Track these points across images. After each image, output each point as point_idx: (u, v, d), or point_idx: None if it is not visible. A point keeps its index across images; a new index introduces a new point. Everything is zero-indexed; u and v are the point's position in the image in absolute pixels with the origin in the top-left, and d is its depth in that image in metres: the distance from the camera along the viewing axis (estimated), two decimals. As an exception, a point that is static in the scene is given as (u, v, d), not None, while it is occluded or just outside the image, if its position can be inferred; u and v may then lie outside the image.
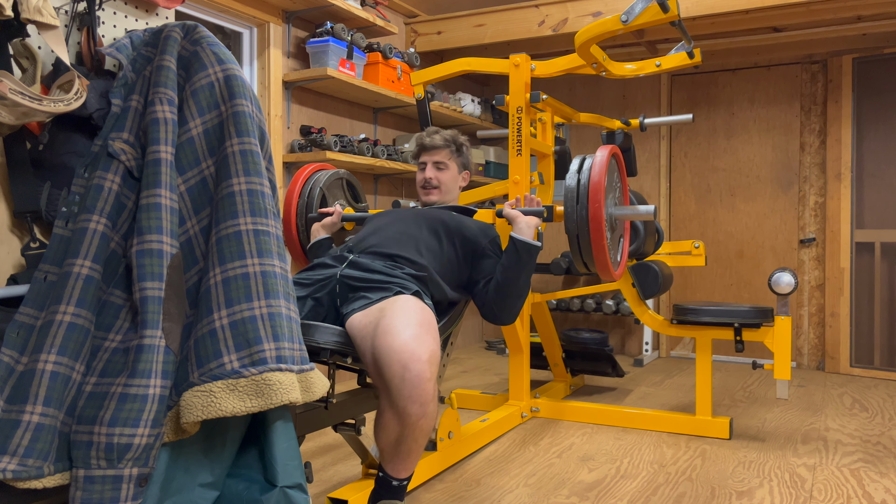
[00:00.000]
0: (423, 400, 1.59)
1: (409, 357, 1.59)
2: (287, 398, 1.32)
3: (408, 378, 1.58)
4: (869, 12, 3.77)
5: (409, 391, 1.58)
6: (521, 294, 2.12)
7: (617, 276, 2.42)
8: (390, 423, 1.65)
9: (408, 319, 1.69)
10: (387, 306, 1.76)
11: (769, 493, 2.21)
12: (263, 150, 1.54)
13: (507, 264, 2.12)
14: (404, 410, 1.60)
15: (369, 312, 1.77)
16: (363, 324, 1.75)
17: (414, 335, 1.64)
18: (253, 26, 3.43)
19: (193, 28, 1.57)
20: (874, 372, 4.18)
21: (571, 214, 2.28)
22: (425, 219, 2.18)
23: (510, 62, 2.96)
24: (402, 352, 1.60)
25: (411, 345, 1.61)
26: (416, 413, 1.60)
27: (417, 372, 1.58)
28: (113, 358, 1.34)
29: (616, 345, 4.98)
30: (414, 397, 1.58)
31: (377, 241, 2.07)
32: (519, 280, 2.11)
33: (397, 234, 2.10)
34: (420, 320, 1.71)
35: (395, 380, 1.59)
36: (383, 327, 1.67)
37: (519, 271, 2.11)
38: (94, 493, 1.23)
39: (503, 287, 2.10)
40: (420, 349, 1.61)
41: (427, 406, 1.60)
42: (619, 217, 2.45)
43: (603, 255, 2.26)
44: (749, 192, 4.67)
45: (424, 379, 1.59)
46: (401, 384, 1.58)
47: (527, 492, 2.21)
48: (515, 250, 2.12)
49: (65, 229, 1.44)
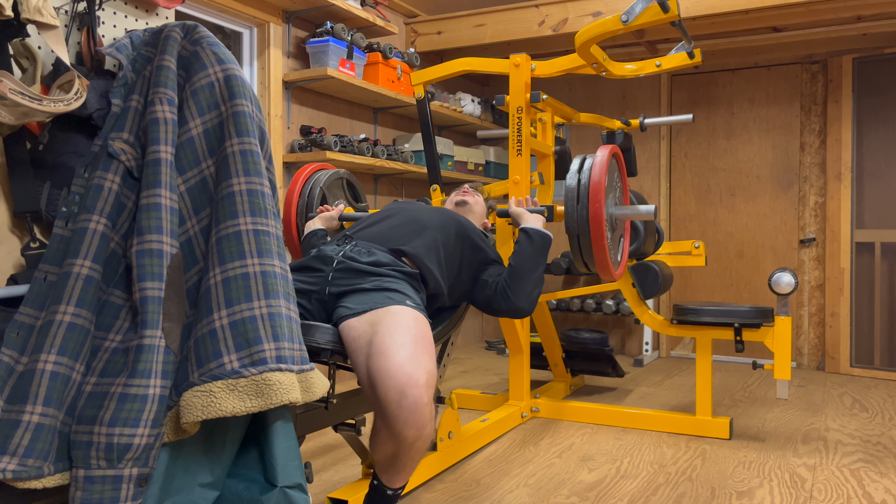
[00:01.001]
0: (419, 424, 1.54)
1: (405, 382, 1.53)
2: (287, 398, 1.32)
3: (405, 405, 1.52)
4: (869, 12, 3.77)
5: (405, 417, 1.52)
6: (538, 281, 2.08)
7: (617, 276, 2.42)
8: (385, 443, 1.60)
9: (402, 337, 1.62)
10: (379, 319, 1.69)
11: (769, 493, 2.21)
12: (263, 150, 1.54)
13: (523, 252, 2.10)
14: (401, 434, 1.54)
15: (361, 323, 1.70)
16: (355, 335, 1.69)
17: (410, 356, 1.57)
18: (253, 26, 3.43)
19: (193, 28, 1.57)
20: (874, 372, 4.18)
21: (572, 214, 2.28)
22: (443, 215, 2.13)
23: (510, 62, 2.96)
24: (398, 377, 1.53)
25: (407, 368, 1.54)
26: (412, 436, 1.55)
27: (414, 398, 1.52)
28: (113, 358, 1.34)
29: (616, 345, 4.98)
30: (411, 422, 1.53)
31: (374, 230, 2.02)
32: (536, 266, 2.08)
33: (404, 220, 2.05)
34: (415, 336, 1.64)
35: (391, 406, 1.53)
36: (377, 347, 1.61)
37: (535, 258, 2.09)
38: (94, 493, 1.23)
39: (519, 271, 2.06)
40: (417, 372, 1.54)
41: (424, 429, 1.55)
42: (620, 217, 2.45)
43: (603, 254, 2.26)
44: (749, 192, 4.67)
45: (422, 404, 1.53)
46: (397, 410, 1.52)
47: (527, 492, 2.21)
48: (529, 238, 2.12)
49: (65, 229, 1.44)
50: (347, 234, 2.02)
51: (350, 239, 1.97)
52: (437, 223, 2.07)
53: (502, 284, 2.08)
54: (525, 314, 2.10)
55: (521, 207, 2.28)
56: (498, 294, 2.08)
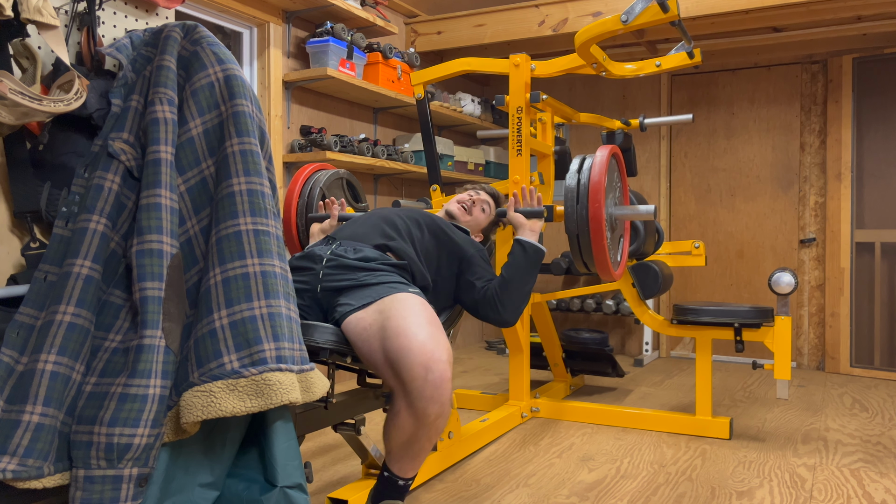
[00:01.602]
0: (443, 400, 1.61)
1: (429, 358, 1.60)
2: (287, 398, 1.32)
3: (430, 379, 1.59)
4: (869, 12, 3.77)
5: (430, 392, 1.59)
6: (526, 295, 2.12)
7: (617, 276, 2.42)
8: (405, 423, 1.65)
9: (418, 318, 1.69)
10: (387, 306, 1.73)
11: (769, 493, 2.21)
12: (263, 150, 1.54)
13: (516, 264, 2.12)
14: (424, 411, 1.61)
15: (367, 314, 1.74)
16: (363, 326, 1.73)
17: (429, 335, 1.64)
18: (253, 26, 3.43)
19: (193, 28, 1.57)
20: (874, 372, 4.18)
21: (571, 214, 2.28)
22: (412, 212, 2.18)
23: (510, 62, 2.96)
24: (422, 353, 1.60)
25: (429, 345, 1.62)
26: (435, 413, 1.61)
27: (440, 373, 1.59)
28: (113, 358, 1.34)
29: (616, 345, 4.98)
30: (435, 398, 1.60)
31: (353, 230, 2.05)
32: (527, 280, 2.11)
33: (378, 220, 2.09)
34: (428, 318, 1.71)
35: (416, 381, 1.59)
36: (394, 329, 1.66)
37: (528, 271, 2.12)
38: (94, 493, 1.23)
39: (510, 284, 2.08)
40: (438, 350, 1.62)
41: (446, 406, 1.62)
42: (620, 217, 2.45)
43: (603, 254, 2.26)
44: (749, 192, 4.67)
45: (446, 379, 1.61)
46: (423, 385, 1.59)
47: (527, 492, 2.21)
48: (524, 251, 2.14)
49: (65, 229, 1.44)
50: (331, 236, 2.05)
51: (334, 240, 2.01)
52: (409, 219, 2.12)
53: (492, 293, 2.09)
54: (510, 325, 2.14)
55: (519, 213, 2.27)
56: (487, 302, 2.10)
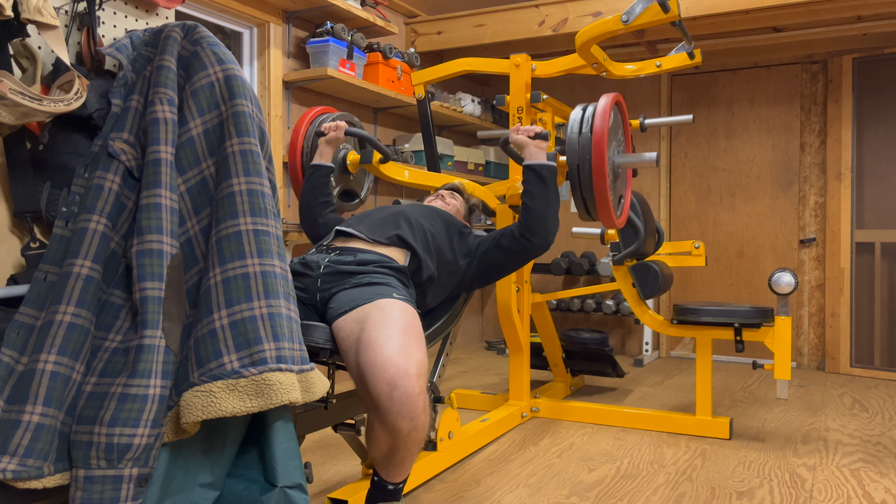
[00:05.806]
0: (413, 415, 1.54)
1: (395, 373, 1.53)
2: (287, 398, 1.32)
3: (396, 396, 1.52)
4: (869, 12, 3.77)
5: (397, 408, 1.53)
6: (553, 215, 2.05)
7: (619, 224, 2.38)
8: (381, 437, 1.60)
9: (390, 329, 1.62)
10: (366, 315, 1.68)
11: (769, 493, 2.21)
12: (263, 150, 1.54)
13: (532, 190, 2.06)
14: (395, 426, 1.55)
15: (348, 322, 1.70)
16: (344, 335, 1.69)
17: (398, 347, 1.57)
18: (253, 26, 3.43)
19: (193, 28, 1.57)
20: (874, 372, 4.18)
21: (574, 146, 2.25)
22: (422, 207, 2.18)
23: (510, 62, 2.96)
24: (388, 368, 1.53)
25: (396, 359, 1.54)
26: (407, 427, 1.55)
27: (405, 388, 1.52)
28: (113, 358, 1.34)
29: (616, 345, 4.98)
30: (403, 413, 1.53)
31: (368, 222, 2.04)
32: (548, 200, 2.05)
33: (390, 213, 2.07)
34: (402, 328, 1.64)
35: (382, 398, 1.53)
36: (365, 342, 1.60)
37: (545, 190, 2.06)
38: (94, 493, 1.23)
39: (534, 212, 2.03)
40: (406, 363, 1.54)
41: (417, 419, 1.55)
42: (623, 165, 2.41)
43: (605, 196, 2.21)
44: (749, 192, 4.67)
45: (413, 395, 1.53)
46: (388, 402, 1.53)
47: (527, 492, 2.21)
48: (535, 173, 2.07)
49: (65, 229, 1.44)
50: (330, 246, 2.01)
51: (333, 249, 1.98)
52: (422, 214, 2.11)
53: (515, 229, 2.05)
54: (545, 249, 2.08)
55: (522, 135, 2.20)
56: (514, 240, 2.05)
